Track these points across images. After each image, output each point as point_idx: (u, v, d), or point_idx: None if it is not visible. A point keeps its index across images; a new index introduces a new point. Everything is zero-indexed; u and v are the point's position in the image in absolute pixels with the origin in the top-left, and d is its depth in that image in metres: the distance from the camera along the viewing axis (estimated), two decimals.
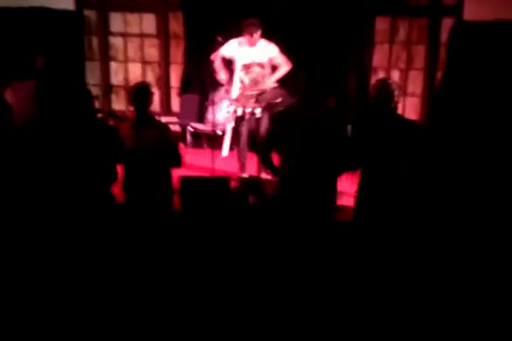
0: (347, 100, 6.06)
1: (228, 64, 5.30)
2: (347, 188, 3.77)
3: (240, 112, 5.07)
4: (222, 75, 5.25)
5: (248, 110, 5.03)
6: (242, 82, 5.15)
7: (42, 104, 3.68)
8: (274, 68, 5.16)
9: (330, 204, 3.53)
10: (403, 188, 3.40)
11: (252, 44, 5.06)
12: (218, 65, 5.26)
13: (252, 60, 5.10)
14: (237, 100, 5.11)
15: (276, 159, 3.57)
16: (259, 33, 5.02)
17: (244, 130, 5.14)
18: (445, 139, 5.39)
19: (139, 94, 3.67)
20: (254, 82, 5.12)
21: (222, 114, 5.79)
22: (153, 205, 3.73)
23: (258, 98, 5.05)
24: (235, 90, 5.19)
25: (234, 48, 5.16)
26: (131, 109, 3.75)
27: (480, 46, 5.74)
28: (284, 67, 5.11)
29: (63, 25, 6.22)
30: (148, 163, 3.67)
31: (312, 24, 6.07)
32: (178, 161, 3.77)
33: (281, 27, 5.81)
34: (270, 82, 5.09)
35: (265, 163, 3.64)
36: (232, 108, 5.16)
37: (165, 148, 3.70)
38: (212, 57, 5.29)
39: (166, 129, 3.80)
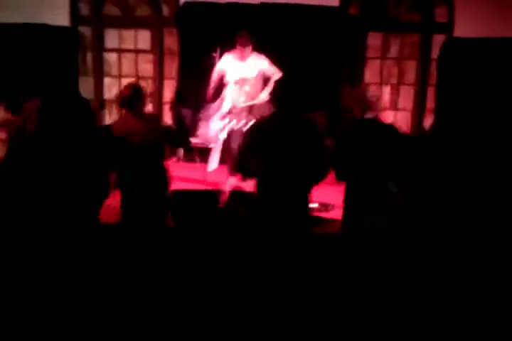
0: (339, 116, 6.09)
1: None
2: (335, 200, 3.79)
3: (230, 126, 5.13)
4: (210, 90, 5.33)
5: (241, 123, 5.07)
6: (233, 96, 5.21)
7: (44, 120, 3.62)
8: (265, 82, 5.22)
9: (305, 214, 3.53)
10: (390, 198, 3.40)
11: (243, 58, 5.13)
12: (213, 79, 5.33)
13: (244, 74, 5.17)
14: (228, 114, 5.16)
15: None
16: (250, 47, 5.10)
17: (234, 144, 5.16)
18: (440, 152, 5.42)
19: (133, 92, 3.67)
20: (248, 97, 5.18)
21: (214, 127, 5.81)
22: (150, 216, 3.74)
23: (250, 111, 5.10)
24: (226, 104, 5.24)
25: (228, 62, 5.23)
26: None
27: (470, 61, 5.82)
28: (276, 75, 5.18)
29: (58, 41, 6.28)
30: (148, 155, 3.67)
31: (305, 40, 6.15)
32: (185, 139, 3.74)
33: (274, 43, 5.88)
34: (264, 94, 5.14)
35: (242, 173, 3.63)
36: (223, 122, 5.21)
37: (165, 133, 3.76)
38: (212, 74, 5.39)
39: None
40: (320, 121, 4.43)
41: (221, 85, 5.32)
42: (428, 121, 6.30)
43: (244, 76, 5.17)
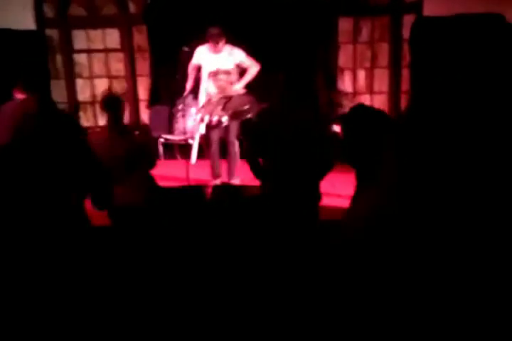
0: (315, 101, 6.10)
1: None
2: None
3: (206, 120, 5.07)
4: (188, 84, 5.27)
5: (215, 118, 5.02)
6: (208, 89, 5.16)
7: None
8: (242, 74, 5.17)
9: (315, 205, 3.52)
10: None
11: (217, 51, 5.07)
12: (190, 72, 5.29)
13: (218, 67, 5.11)
14: (203, 108, 5.11)
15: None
16: (223, 41, 5.04)
17: (213, 138, 5.13)
18: (418, 135, 5.42)
19: (113, 103, 3.66)
20: (221, 90, 5.12)
21: (190, 122, 5.77)
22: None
23: (225, 105, 5.05)
24: (202, 98, 5.20)
25: (202, 55, 5.17)
26: (104, 119, 3.73)
27: (441, 40, 5.83)
28: (253, 67, 5.11)
29: (26, 45, 6.16)
30: (124, 169, 3.64)
31: (276, 28, 6.12)
32: (152, 162, 3.77)
33: (244, 32, 5.84)
34: (239, 87, 5.09)
35: (255, 173, 3.61)
36: (199, 116, 5.15)
37: (141, 152, 3.70)
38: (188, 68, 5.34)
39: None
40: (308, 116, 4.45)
41: (198, 78, 5.27)
42: (405, 103, 6.33)
43: (218, 68, 5.11)
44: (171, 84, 6.32)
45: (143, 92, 6.74)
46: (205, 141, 5.39)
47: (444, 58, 5.74)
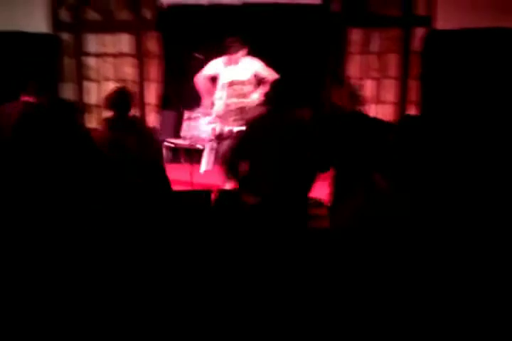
0: (322, 110, 6.11)
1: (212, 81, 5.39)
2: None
3: (218, 130, 5.12)
4: (206, 101, 5.30)
5: (227, 128, 5.06)
6: (222, 99, 5.22)
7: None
8: (259, 84, 5.21)
9: (304, 213, 3.49)
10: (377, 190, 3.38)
11: (235, 62, 5.12)
12: (202, 87, 5.32)
13: (235, 78, 5.16)
14: (217, 118, 5.16)
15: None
16: (242, 51, 5.09)
17: (224, 147, 5.15)
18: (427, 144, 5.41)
19: (120, 97, 3.67)
20: (235, 100, 5.18)
21: (202, 129, 5.82)
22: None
23: (238, 116, 5.09)
24: (216, 108, 5.25)
25: (217, 67, 5.24)
26: (109, 114, 3.74)
27: (452, 53, 5.85)
28: (271, 77, 5.16)
29: (38, 48, 6.24)
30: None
31: (286, 37, 6.17)
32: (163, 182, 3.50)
33: (258, 42, 5.88)
34: (255, 96, 5.11)
35: (231, 174, 3.56)
36: (211, 126, 5.22)
37: (146, 160, 3.64)
38: (195, 79, 5.35)
39: (150, 137, 3.79)
40: (306, 116, 4.43)
41: (209, 88, 5.34)
42: (411, 113, 6.32)
43: (236, 79, 5.16)
44: (180, 90, 6.38)
45: (150, 96, 6.77)
46: (216, 150, 5.45)
47: (456, 71, 5.75)
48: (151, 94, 6.75)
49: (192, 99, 5.86)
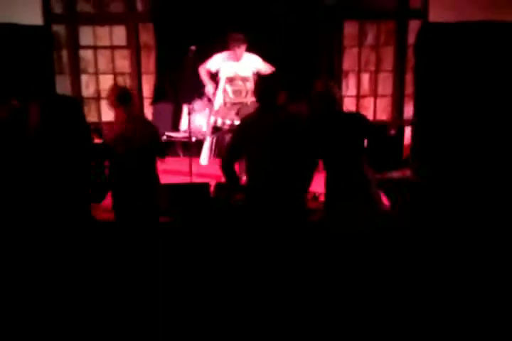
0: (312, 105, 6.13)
1: (213, 76, 5.44)
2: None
3: (219, 123, 5.19)
4: (210, 88, 5.44)
5: (228, 122, 5.11)
6: (224, 94, 5.28)
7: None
8: None
9: (302, 208, 3.51)
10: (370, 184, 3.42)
11: (237, 58, 5.20)
12: (204, 77, 5.40)
13: (237, 73, 5.25)
14: (218, 111, 5.23)
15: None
16: (244, 46, 5.15)
17: (225, 141, 5.19)
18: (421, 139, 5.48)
19: (127, 96, 3.70)
20: (237, 95, 5.26)
21: (200, 122, 5.85)
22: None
23: (239, 110, 5.12)
24: (218, 102, 5.32)
25: (219, 62, 5.31)
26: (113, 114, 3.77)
27: (446, 46, 5.88)
28: (269, 70, 5.29)
29: (32, 40, 6.16)
30: (137, 154, 3.73)
31: (281, 31, 6.15)
32: (163, 153, 3.97)
33: (252, 35, 5.86)
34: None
35: (227, 173, 3.53)
36: (212, 119, 5.29)
37: (153, 140, 3.83)
38: (199, 69, 5.41)
39: (155, 130, 3.96)
40: (303, 111, 4.44)
41: (214, 83, 5.40)
42: (408, 106, 6.37)
43: (236, 74, 5.25)
44: (176, 82, 6.36)
45: (147, 90, 6.75)
46: (216, 143, 5.48)
47: (449, 64, 5.78)
48: (148, 87, 6.73)
49: (189, 92, 5.85)
